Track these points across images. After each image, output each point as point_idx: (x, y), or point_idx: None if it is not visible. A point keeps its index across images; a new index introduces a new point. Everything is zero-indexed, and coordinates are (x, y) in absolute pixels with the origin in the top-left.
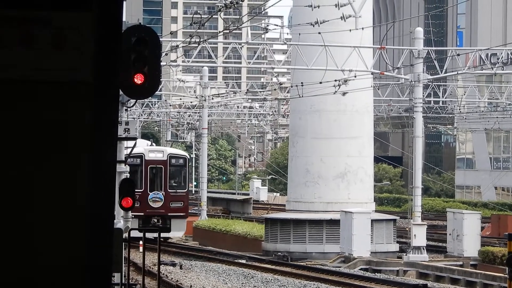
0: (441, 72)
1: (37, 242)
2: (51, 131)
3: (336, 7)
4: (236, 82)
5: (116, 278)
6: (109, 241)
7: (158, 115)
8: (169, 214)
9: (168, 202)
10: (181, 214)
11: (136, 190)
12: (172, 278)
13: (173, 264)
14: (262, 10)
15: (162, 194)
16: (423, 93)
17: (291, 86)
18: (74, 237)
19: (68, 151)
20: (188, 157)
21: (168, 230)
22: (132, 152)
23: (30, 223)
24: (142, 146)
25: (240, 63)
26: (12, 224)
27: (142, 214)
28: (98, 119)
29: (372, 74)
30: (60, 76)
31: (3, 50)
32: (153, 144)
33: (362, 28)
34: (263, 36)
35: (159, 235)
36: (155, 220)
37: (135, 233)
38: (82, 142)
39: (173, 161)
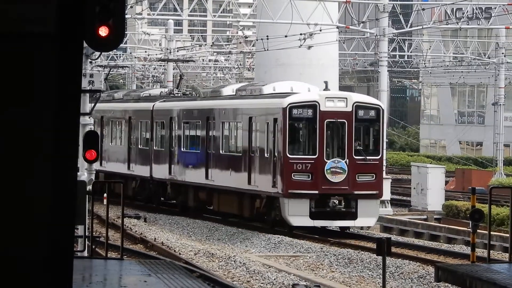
0: (407, 27)
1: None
2: (14, 84)
3: None
4: (201, 35)
5: (80, 230)
6: (72, 193)
7: (123, 67)
8: (355, 192)
9: (353, 175)
10: (373, 192)
11: (305, 157)
12: (136, 231)
13: (138, 217)
14: None
15: (345, 162)
16: (388, 47)
17: (257, 40)
18: (38, 188)
19: (31, 104)
20: (383, 107)
21: (354, 217)
22: (302, 100)
23: None
24: (315, 92)
25: (206, 16)
26: None
27: (316, 192)
28: (62, 71)
29: (337, 28)
30: (24, 28)
31: None
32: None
33: None
34: None
35: (122, 188)
36: (335, 202)
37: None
38: (45, 94)
39: (361, 113)
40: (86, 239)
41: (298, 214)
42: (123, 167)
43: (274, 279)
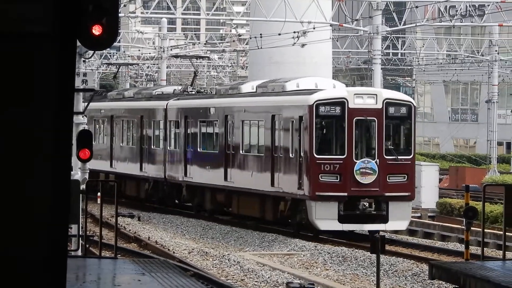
0: (400, 24)
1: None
2: (14, 84)
3: None
4: (195, 34)
5: (74, 229)
6: (66, 192)
7: (116, 66)
8: (386, 194)
9: (384, 176)
10: (405, 194)
11: (333, 157)
12: (130, 230)
13: (131, 216)
14: None
15: (376, 162)
16: (381, 45)
17: (250, 38)
18: (38, 188)
19: (31, 104)
20: (414, 104)
21: (385, 220)
22: (330, 97)
23: None
24: (342, 88)
25: (199, 14)
26: None
27: (345, 194)
28: (61, 71)
29: (331, 26)
30: (24, 28)
31: None
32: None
33: None
34: None
35: (115, 186)
36: (365, 205)
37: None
38: (45, 94)
39: (392, 110)
40: (80, 238)
41: (326, 217)
42: (135, 168)
43: (268, 277)
